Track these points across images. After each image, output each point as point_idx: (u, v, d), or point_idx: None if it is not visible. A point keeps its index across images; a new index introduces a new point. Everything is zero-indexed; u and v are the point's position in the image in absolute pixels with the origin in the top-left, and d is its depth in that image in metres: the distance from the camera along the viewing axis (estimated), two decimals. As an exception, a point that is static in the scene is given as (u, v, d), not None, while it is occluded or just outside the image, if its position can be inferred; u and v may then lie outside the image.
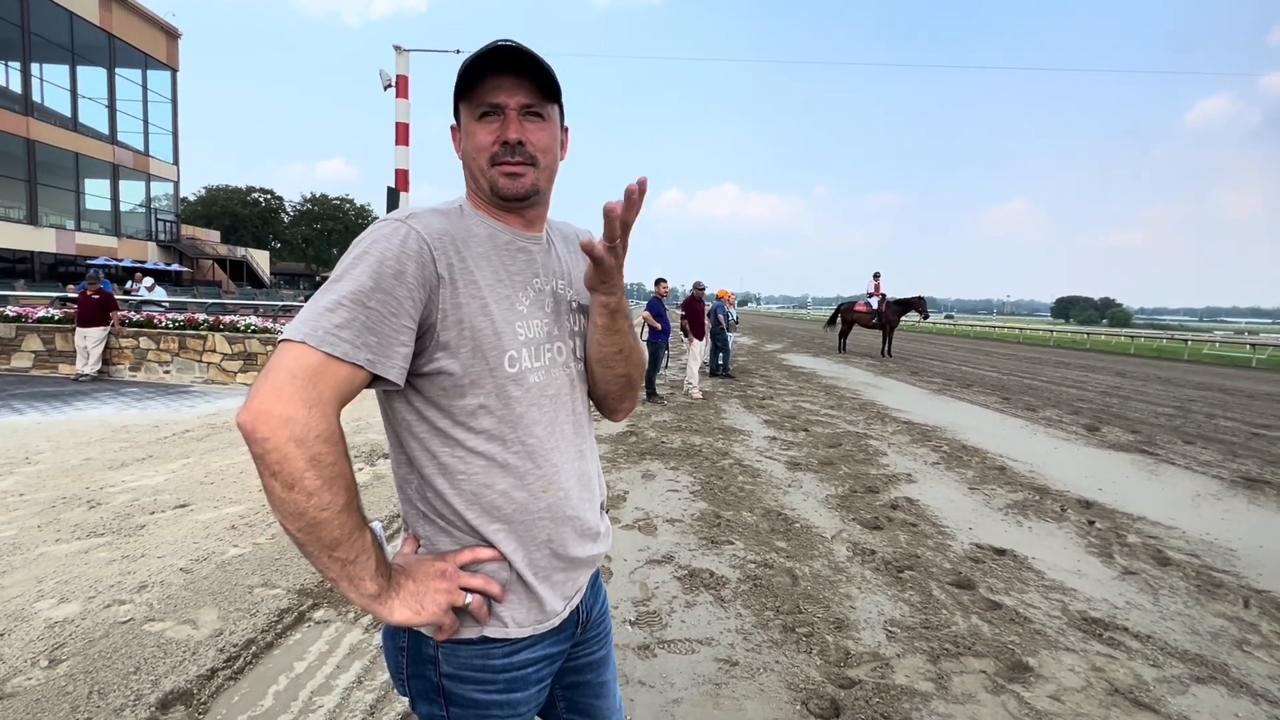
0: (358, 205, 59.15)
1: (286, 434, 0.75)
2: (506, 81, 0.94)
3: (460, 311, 0.90)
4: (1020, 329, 40.84)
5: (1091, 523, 4.48)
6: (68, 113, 23.63)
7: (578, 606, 1.06)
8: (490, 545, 0.95)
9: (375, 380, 0.86)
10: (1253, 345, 25.67)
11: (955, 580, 3.41)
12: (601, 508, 1.12)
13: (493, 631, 0.95)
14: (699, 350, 10.20)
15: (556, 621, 1.00)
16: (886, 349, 18.30)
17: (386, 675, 2.40)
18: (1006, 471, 5.81)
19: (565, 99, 1.02)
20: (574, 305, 1.08)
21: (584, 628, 1.09)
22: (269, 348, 9.30)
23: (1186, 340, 27.72)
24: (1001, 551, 3.86)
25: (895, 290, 20.31)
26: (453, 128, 1.04)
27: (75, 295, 11.68)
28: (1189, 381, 15.30)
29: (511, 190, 0.97)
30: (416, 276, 0.86)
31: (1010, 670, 2.59)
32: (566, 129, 1.06)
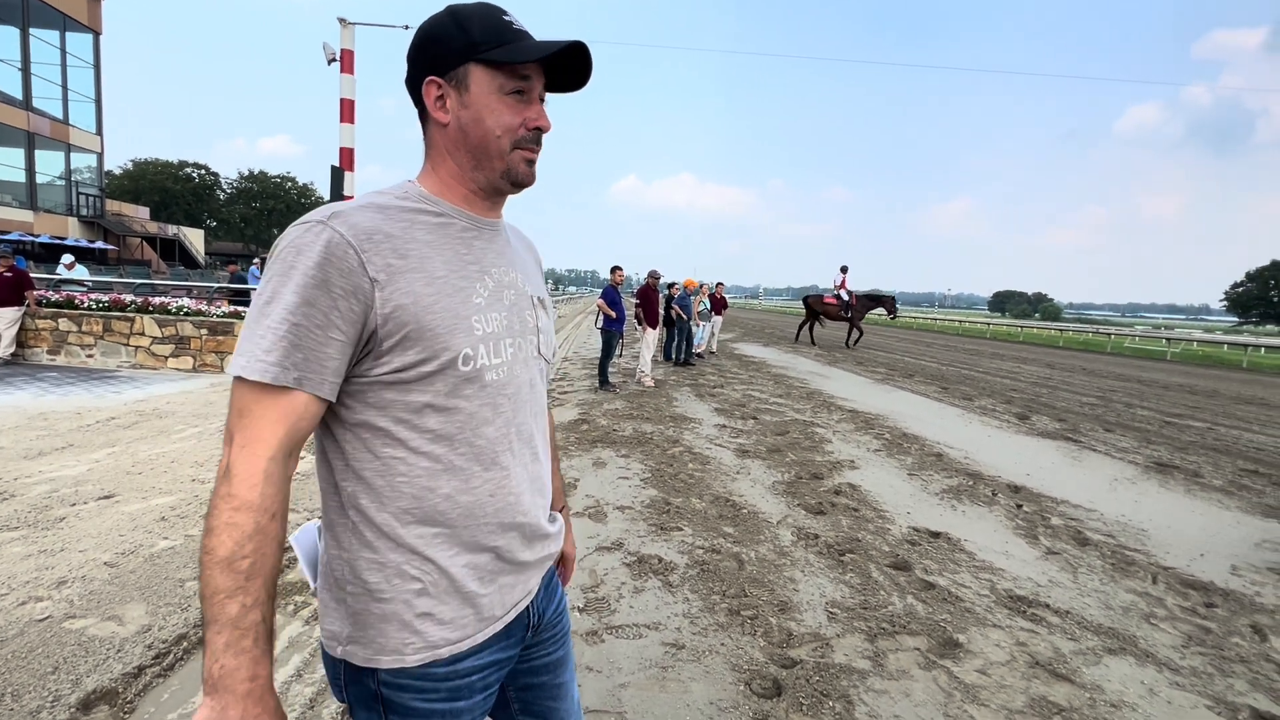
0: (300, 184, 56.77)
1: (224, 490, 0.76)
2: (535, 67, 0.91)
3: (404, 313, 0.83)
4: (959, 321, 42.49)
5: (1019, 506, 4.72)
6: (-25, 74, 21.82)
7: (527, 609, 1.01)
8: (419, 556, 0.88)
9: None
10: (1168, 340, 27.44)
11: (893, 562, 3.55)
12: (552, 508, 1.10)
13: (427, 657, 0.89)
14: (652, 339, 10.25)
15: (500, 626, 0.96)
16: (853, 341, 19.07)
17: (327, 668, 2.35)
18: (943, 458, 6.06)
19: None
20: (533, 300, 1.03)
21: (536, 630, 1.06)
22: (203, 331, 8.87)
23: (1110, 334, 29.39)
24: (936, 534, 4.04)
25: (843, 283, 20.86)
26: (433, 83, 0.91)
27: None
28: (1111, 373, 16.26)
29: (529, 177, 0.95)
30: (343, 285, 0.79)
31: (942, 647, 2.72)
32: None
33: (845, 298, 18.69)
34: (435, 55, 0.90)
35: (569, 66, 0.93)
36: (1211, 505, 5.08)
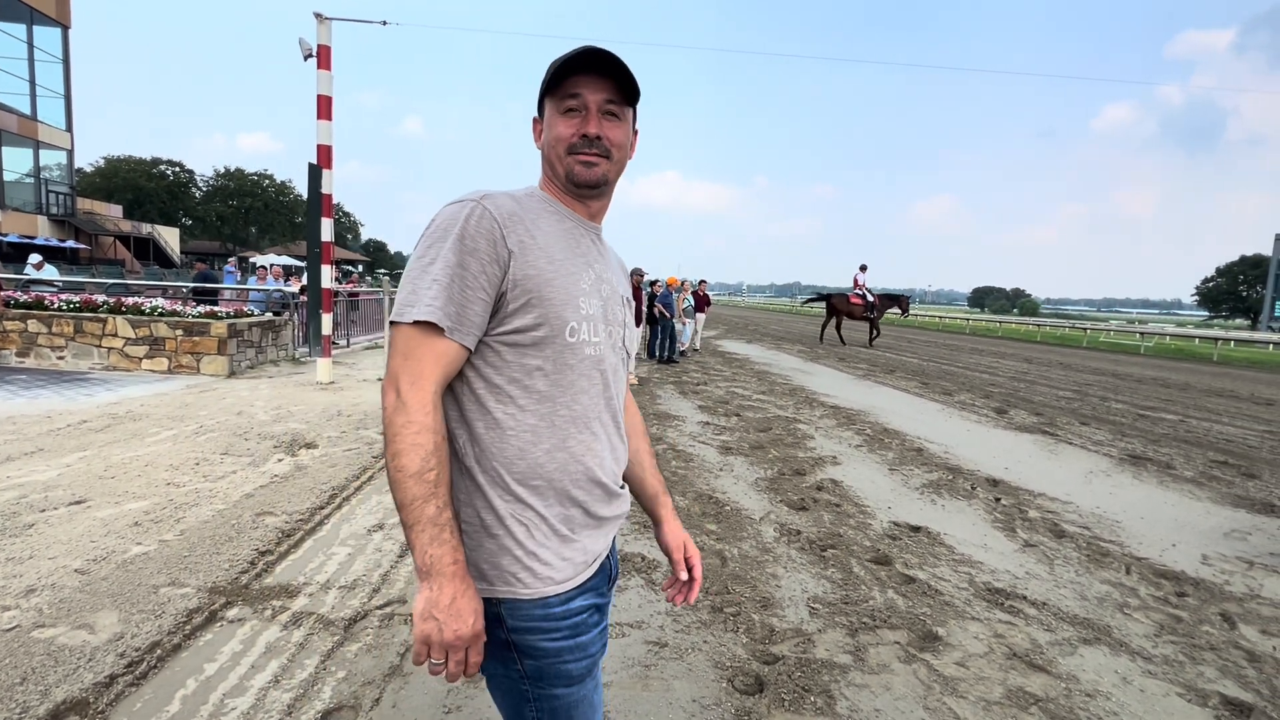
0: (277, 181, 55.80)
1: (402, 419, 0.92)
2: (590, 80, 1.04)
3: (530, 282, 0.99)
4: (939, 317, 42.97)
5: (998, 499, 4.79)
6: (-63, 69, 21.19)
7: (607, 560, 1.13)
8: (522, 503, 1.01)
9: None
10: (1142, 334, 28.01)
11: (874, 557, 3.59)
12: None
13: (539, 590, 1.00)
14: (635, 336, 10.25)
15: (591, 571, 1.07)
16: (877, 336, 19.73)
17: (306, 673, 2.32)
18: (924, 453, 6.13)
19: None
20: (623, 299, 1.18)
21: (613, 584, 1.18)
22: (178, 332, 8.70)
23: (1086, 329, 29.98)
24: (917, 529, 4.08)
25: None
26: (535, 120, 1.15)
27: None
28: (1087, 367, 16.54)
29: (586, 177, 1.07)
30: (489, 253, 0.97)
31: (922, 640, 2.75)
32: (637, 131, 1.17)
33: (870, 298, 19.01)
34: (538, 102, 1.13)
35: (616, 74, 1.04)
36: (1183, 496, 5.19)
